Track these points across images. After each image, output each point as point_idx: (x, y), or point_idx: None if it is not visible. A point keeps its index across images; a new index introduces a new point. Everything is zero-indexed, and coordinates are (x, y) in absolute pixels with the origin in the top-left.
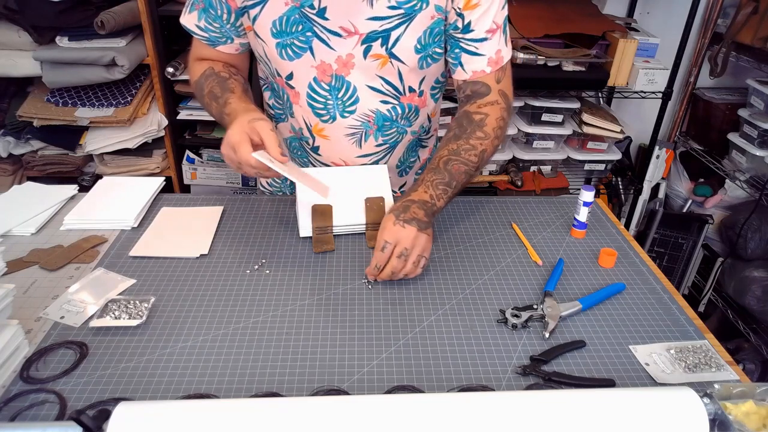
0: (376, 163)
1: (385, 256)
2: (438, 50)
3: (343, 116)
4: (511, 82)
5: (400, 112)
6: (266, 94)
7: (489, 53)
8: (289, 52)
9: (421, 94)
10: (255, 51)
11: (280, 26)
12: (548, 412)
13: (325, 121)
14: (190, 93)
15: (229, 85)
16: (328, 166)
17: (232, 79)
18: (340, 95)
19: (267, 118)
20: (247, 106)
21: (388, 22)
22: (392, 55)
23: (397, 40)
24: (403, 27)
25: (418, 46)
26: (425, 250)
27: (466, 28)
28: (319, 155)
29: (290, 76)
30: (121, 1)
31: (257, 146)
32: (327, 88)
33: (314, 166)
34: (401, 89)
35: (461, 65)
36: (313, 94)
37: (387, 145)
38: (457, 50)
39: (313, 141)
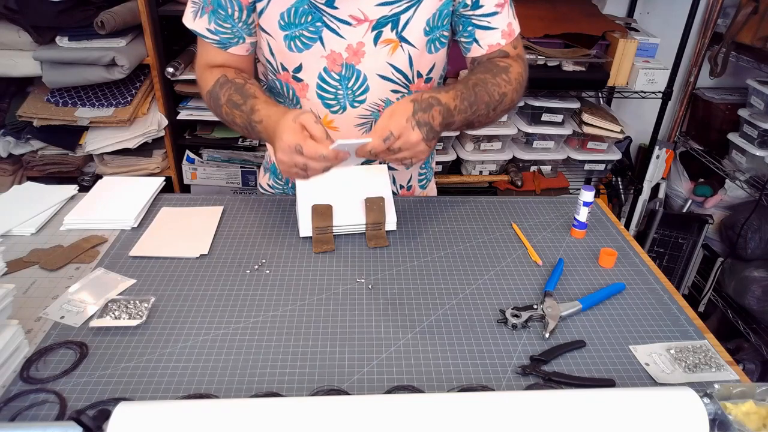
0: None
1: (382, 147)
2: (445, 33)
3: (353, 106)
4: (524, 51)
5: None
6: None
7: (501, 26)
8: (298, 43)
9: (428, 80)
10: (258, 48)
11: (288, 18)
12: (548, 412)
13: (335, 112)
14: (190, 93)
15: (248, 90)
16: None
17: (248, 84)
18: (350, 85)
19: (307, 111)
20: (278, 109)
21: (398, 6)
22: (402, 39)
23: (407, 23)
24: (412, 10)
25: (427, 29)
26: (418, 158)
27: (476, 4)
28: None
29: (298, 69)
30: (121, 1)
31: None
32: (337, 78)
33: None
34: (411, 76)
35: (476, 41)
36: (323, 85)
37: None
38: (470, 28)
39: None
